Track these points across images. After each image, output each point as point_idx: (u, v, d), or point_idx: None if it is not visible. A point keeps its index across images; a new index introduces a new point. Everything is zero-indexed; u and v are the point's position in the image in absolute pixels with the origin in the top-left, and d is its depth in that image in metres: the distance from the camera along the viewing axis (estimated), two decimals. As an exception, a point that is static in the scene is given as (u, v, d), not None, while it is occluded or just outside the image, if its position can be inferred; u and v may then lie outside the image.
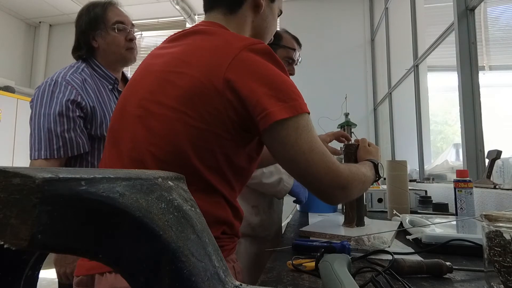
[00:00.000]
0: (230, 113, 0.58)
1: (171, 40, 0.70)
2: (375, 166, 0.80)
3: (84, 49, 1.18)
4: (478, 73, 1.54)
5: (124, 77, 1.31)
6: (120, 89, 1.23)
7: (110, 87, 1.18)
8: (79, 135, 1.06)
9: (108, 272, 0.57)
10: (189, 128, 0.58)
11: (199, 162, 0.59)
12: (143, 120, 0.61)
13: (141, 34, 1.31)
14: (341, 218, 1.07)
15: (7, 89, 3.90)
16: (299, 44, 1.43)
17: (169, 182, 0.28)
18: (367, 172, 0.74)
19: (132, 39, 1.20)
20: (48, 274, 3.36)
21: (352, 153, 0.94)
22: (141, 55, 3.83)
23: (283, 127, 0.57)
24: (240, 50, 0.58)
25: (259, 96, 0.56)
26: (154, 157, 0.59)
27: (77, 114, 1.06)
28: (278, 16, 0.81)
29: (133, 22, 1.26)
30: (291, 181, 1.35)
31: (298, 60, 1.42)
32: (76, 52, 1.20)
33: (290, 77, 1.34)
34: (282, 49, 1.34)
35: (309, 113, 0.60)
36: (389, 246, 0.77)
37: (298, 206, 1.56)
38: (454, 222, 0.97)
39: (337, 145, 1.13)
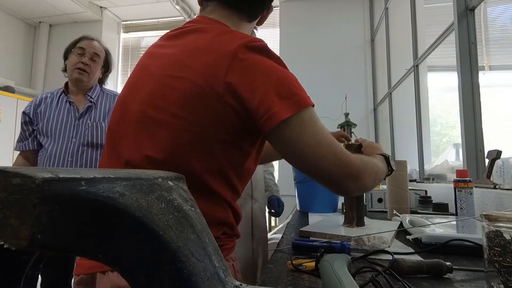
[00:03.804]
0: (231, 117, 0.57)
1: (168, 38, 0.69)
2: (386, 159, 0.78)
3: (64, 67, 1.57)
4: (478, 73, 1.54)
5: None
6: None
7: (65, 98, 1.53)
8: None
9: (110, 271, 0.57)
10: (191, 134, 0.57)
11: (202, 168, 0.58)
12: (144, 126, 0.60)
13: None
14: (341, 218, 1.07)
15: (7, 89, 3.90)
16: None
17: (169, 182, 0.28)
18: (379, 163, 0.72)
19: (83, 62, 1.50)
20: (48, 274, 3.36)
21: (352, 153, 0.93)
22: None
23: (287, 125, 0.55)
24: (238, 50, 0.57)
25: (260, 97, 0.55)
26: (155, 163, 0.58)
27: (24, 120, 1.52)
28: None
29: (133, 22, 1.38)
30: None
31: None
32: (64, 70, 1.59)
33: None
34: None
35: (313, 105, 0.59)
36: (389, 246, 0.77)
37: (298, 206, 1.56)
38: (454, 222, 0.97)
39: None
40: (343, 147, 0.60)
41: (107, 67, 1.63)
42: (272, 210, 1.79)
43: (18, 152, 1.55)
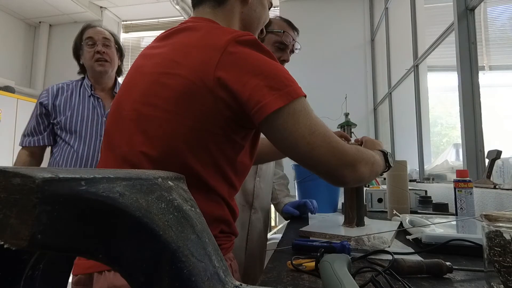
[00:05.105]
0: (224, 111, 0.58)
1: (160, 39, 0.70)
2: (385, 155, 0.77)
3: (80, 68, 1.50)
4: (478, 73, 1.54)
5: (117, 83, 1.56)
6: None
7: (89, 94, 1.43)
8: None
9: (107, 271, 0.57)
10: (184, 129, 0.58)
11: (196, 162, 0.59)
12: (138, 123, 0.61)
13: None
14: (341, 218, 1.07)
15: (7, 89, 3.90)
16: (294, 29, 1.30)
17: (169, 182, 0.28)
18: (376, 155, 0.71)
19: (99, 51, 1.40)
20: (48, 274, 3.35)
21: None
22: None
23: (279, 116, 0.55)
24: (227, 44, 0.57)
25: (251, 89, 0.55)
26: (151, 160, 0.59)
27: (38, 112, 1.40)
28: (269, 8, 0.79)
29: (133, 22, 1.34)
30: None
31: (293, 45, 1.27)
32: (80, 72, 1.52)
33: (286, 64, 1.26)
34: (271, 34, 1.23)
35: (305, 96, 0.59)
36: (389, 246, 0.77)
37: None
38: (454, 222, 0.97)
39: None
40: (337, 137, 0.59)
41: (121, 51, 1.51)
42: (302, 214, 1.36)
43: (20, 149, 1.40)
